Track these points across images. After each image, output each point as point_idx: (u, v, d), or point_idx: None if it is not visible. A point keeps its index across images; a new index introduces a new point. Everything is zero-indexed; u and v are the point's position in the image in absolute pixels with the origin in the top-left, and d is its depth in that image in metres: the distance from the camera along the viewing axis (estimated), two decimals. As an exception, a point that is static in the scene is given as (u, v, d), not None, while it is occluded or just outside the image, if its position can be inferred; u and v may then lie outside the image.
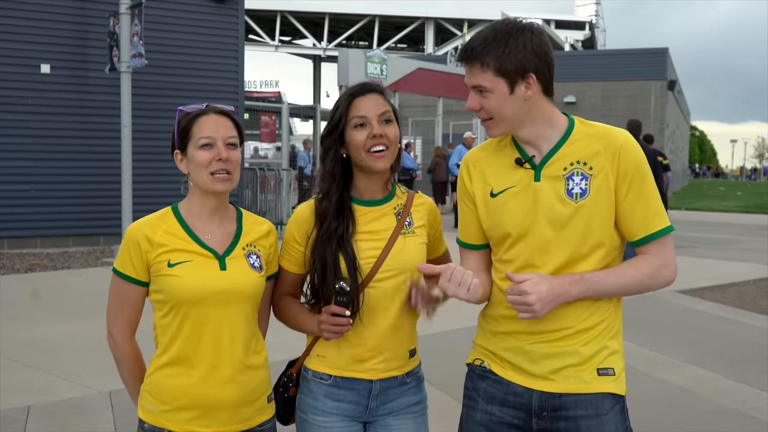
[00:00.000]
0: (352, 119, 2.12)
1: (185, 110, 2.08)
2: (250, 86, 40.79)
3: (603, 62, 32.62)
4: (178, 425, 2.02)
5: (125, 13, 10.40)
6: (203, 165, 2.02)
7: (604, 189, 1.93)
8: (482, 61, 1.90)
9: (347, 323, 2.04)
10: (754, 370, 5.72)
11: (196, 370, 2.01)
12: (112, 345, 2.12)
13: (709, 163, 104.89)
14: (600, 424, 1.95)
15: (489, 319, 2.10)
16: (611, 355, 1.99)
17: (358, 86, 2.16)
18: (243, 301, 2.06)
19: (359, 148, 2.10)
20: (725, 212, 24.38)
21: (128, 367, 2.13)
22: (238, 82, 13.24)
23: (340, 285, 2.02)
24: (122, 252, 2.06)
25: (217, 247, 2.06)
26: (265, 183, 13.71)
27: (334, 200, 2.12)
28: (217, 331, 2.02)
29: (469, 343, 2.15)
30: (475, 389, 2.09)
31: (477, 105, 1.96)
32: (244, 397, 2.06)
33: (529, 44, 1.89)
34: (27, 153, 11.30)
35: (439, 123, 20.35)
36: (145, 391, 2.08)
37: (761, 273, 10.51)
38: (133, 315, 2.10)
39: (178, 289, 1.99)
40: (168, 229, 2.05)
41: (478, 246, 2.13)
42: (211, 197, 2.08)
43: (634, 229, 1.95)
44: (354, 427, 2.16)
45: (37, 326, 6.60)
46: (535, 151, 1.99)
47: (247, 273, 2.06)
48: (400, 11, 46.28)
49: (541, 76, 1.92)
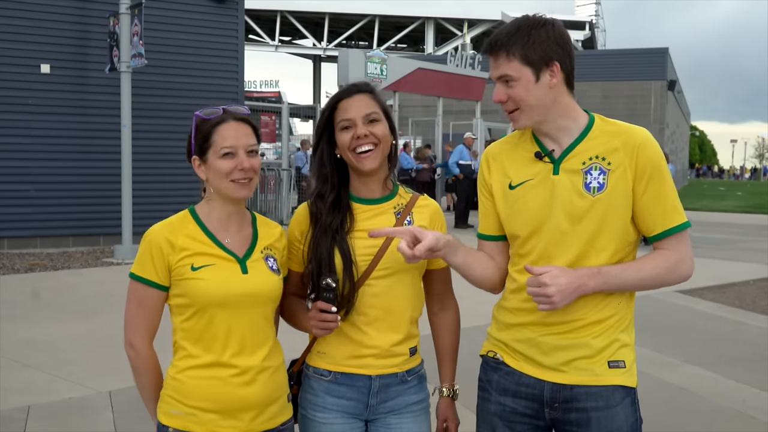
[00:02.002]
0: (339, 122, 2.14)
1: (204, 116, 2.07)
2: (250, 86, 40.80)
3: (603, 62, 32.61)
4: (205, 427, 2.02)
5: (125, 13, 10.41)
6: (225, 174, 2.03)
7: (621, 184, 1.95)
8: (508, 51, 1.95)
9: (334, 319, 2.04)
10: (754, 370, 5.72)
11: (220, 371, 2.02)
12: (132, 355, 2.08)
13: (709, 163, 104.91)
14: (610, 416, 1.99)
15: (503, 311, 2.13)
16: (622, 347, 2.02)
17: (345, 88, 2.19)
18: (265, 303, 2.08)
19: (345, 150, 2.13)
20: (725, 212, 24.38)
21: (150, 376, 2.10)
22: (238, 82, 13.24)
23: (326, 282, 2.03)
24: (143, 256, 2.05)
25: (237, 251, 2.08)
26: (265, 183, 13.72)
27: (329, 200, 2.15)
28: (241, 333, 2.03)
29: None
30: (489, 381, 2.14)
31: (503, 96, 2.00)
32: (268, 396, 2.08)
33: (551, 34, 1.96)
34: (27, 153, 11.30)
35: (439, 123, 20.33)
36: (167, 395, 2.06)
37: (761, 273, 10.52)
38: (154, 322, 2.08)
39: (202, 292, 2.00)
40: (189, 233, 2.06)
41: (495, 237, 2.16)
42: (230, 202, 2.09)
43: (651, 224, 1.98)
44: (354, 424, 2.17)
45: (37, 326, 6.60)
46: (555, 145, 2.03)
47: (268, 276, 2.08)
48: (400, 11, 46.30)
49: (564, 65, 1.98)
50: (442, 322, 2.30)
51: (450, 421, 2.26)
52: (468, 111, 23.97)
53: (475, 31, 43.71)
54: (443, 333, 2.30)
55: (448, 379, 2.28)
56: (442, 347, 2.30)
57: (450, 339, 2.30)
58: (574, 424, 2.00)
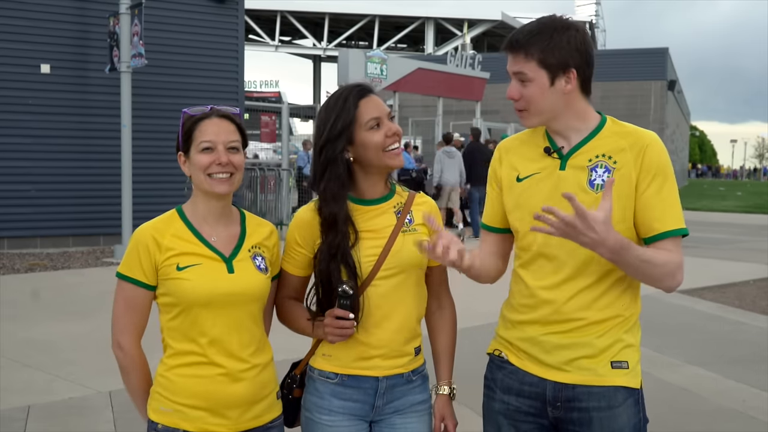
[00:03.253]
0: (367, 122, 2.11)
1: (189, 112, 2.10)
2: (250, 86, 40.81)
3: (603, 62, 32.31)
4: (193, 423, 2.03)
5: (125, 13, 10.40)
6: (202, 168, 2.05)
7: (625, 182, 1.95)
8: (527, 51, 1.95)
9: (351, 326, 2.05)
10: (754, 370, 5.72)
11: (207, 369, 2.03)
12: (119, 355, 2.09)
13: (709, 163, 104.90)
14: (612, 417, 1.99)
15: (509, 308, 2.15)
16: (626, 348, 2.01)
17: (358, 88, 2.16)
18: (251, 302, 2.08)
19: (377, 149, 2.11)
20: (725, 212, 24.37)
21: (137, 375, 2.12)
22: (238, 82, 13.24)
23: (343, 288, 2.03)
24: (130, 256, 2.06)
25: (223, 249, 2.08)
26: (265, 183, 13.71)
27: (344, 205, 2.11)
28: (226, 332, 2.04)
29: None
30: (493, 380, 2.15)
31: (517, 94, 2.00)
32: (255, 394, 2.09)
33: (573, 41, 1.95)
34: (27, 153, 11.30)
35: (439, 123, 20.32)
36: (156, 392, 2.08)
37: (761, 273, 10.51)
38: (141, 321, 2.09)
39: (187, 292, 2.01)
40: (175, 232, 2.07)
41: (497, 229, 2.19)
42: (213, 199, 2.09)
43: (650, 222, 1.96)
44: (360, 426, 2.17)
45: (37, 326, 6.60)
46: (565, 143, 2.04)
47: (254, 275, 2.08)
48: (400, 11, 46.23)
49: (582, 72, 1.98)
50: (440, 320, 2.30)
51: (448, 420, 2.26)
52: (468, 111, 23.97)
53: (475, 31, 43.68)
54: (441, 331, 2.30)
55: (446, 378, 2.28)
56: (440, 346, 2.30)
57: (447, 337, 2.30)
58: (577, 423, 2.01)
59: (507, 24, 41.57)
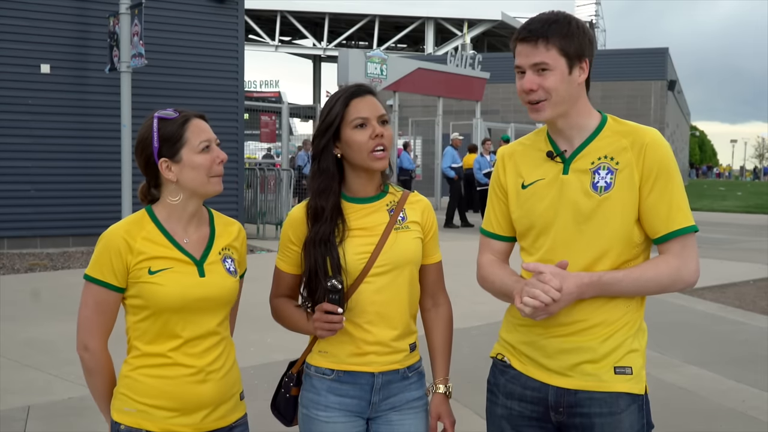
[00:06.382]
0: (352, 120, 2.13)
1: (165, 117, 2.06)
2: (250, 86, 40.82)
3: (603, 62, 32.54)
4: (157, 424, 2.03)
5: (125, 13, 10.41)
6: (205, 168, 2.04)
7: (628, 183, 1.95)
8: (547, 39, 1.94)
9: (340, 320, 2.06)
10: (754, 370, 5.72)
11: (174, 370, 2.04)
12: (85, 356, 2.06)
13: (709, 163, 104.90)
14: (615, 423, 1.97)
15: (513, 310, 2.13)
16: (630, 353, 2.00)
17: (354, 87, 2.18)
18: (221, 306, 2.10)
19: (361, 149, 2.12)
20: (725, 212, 24.36)
21: (103, 377, 2.11)
22: (238, 82, 13.23)
23: (332, 283, 2.04)
24: (100, 259, 2.03)
25: (194, 252, 2.08)
26: (265, 183, 13.70)
27: (332, 199, 2.14)
28: (195, 335, 2.05)
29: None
30: (496, 384, 2.15)
31: (534, 85, 1.96)
32: (221, 395, 2.09)
33: (586, 30, 1.98)
34: (27, 153, 11.30)
35: (439, 123, 20.35)
36: (120, 393, 2.07)
37: (761, 273, 10.52)
38: (110, 323, 2.07)
39: (159, 297, 2.00)
40: (147, 235, 2.05)
41: (499, 237, 2.18)
42: (194, 201, 2.09)
43: (655, 225, 1.96)
44: (356, 422, 2.18)
45: (37, 326, 6.60)
46: (567, 145, 2.03)
47: (225, 279, 2.09)
48: (400, 11, 46.20)
49: (591, 64, 2.00)
50: (435, 318, 2.31)
51: (445, 418, 2.25)
52: (468, 111, 23.99)
53: (475, 31, 43.65)
54: (436, 329, 2.30)
55: (441, 376, 2.28)
56: (436, 343, 2.30)
57: (443, 335, 2.30)
58: (579, 428, 2.00)
59: (507, 24, 41.55)
